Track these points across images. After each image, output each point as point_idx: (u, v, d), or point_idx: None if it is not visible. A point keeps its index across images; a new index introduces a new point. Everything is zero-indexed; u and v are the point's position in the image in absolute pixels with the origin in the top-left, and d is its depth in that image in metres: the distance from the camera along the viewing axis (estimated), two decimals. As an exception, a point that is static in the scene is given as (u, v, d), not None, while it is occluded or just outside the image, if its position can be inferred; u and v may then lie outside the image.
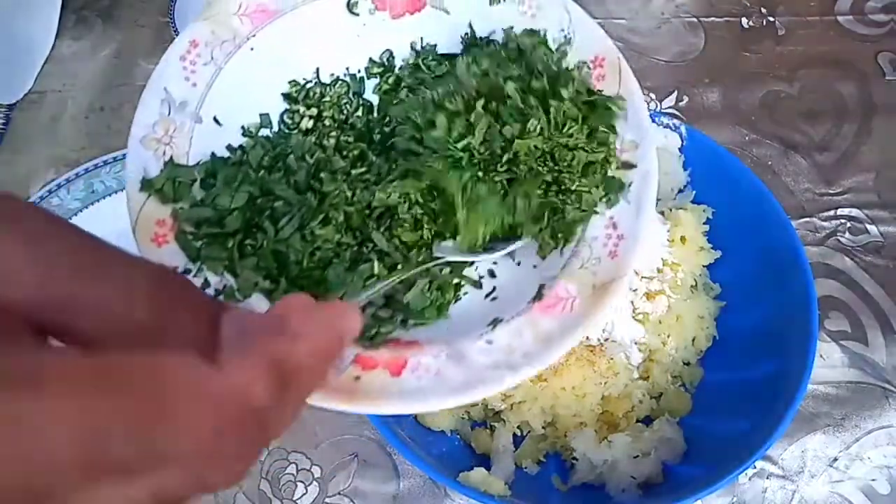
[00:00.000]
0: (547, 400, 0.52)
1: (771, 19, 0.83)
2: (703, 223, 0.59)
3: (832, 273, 0.66)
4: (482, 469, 0.50)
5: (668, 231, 0.56)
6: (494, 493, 0.47)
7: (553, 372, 0.52)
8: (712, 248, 0.59)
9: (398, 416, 0.51)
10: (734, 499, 0.56)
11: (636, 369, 0.55)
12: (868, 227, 0.69)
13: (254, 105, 0.43)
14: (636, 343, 0.54)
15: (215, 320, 0.21)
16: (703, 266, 0.59)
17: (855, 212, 0.70)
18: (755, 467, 0.57)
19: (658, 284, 0.55)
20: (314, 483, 0.57)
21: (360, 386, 0.32)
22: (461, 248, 0.40)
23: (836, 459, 0.58)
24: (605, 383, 0.53)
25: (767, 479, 0.57)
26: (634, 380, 0.55)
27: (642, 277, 0.55)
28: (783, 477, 0.57)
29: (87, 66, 0.78)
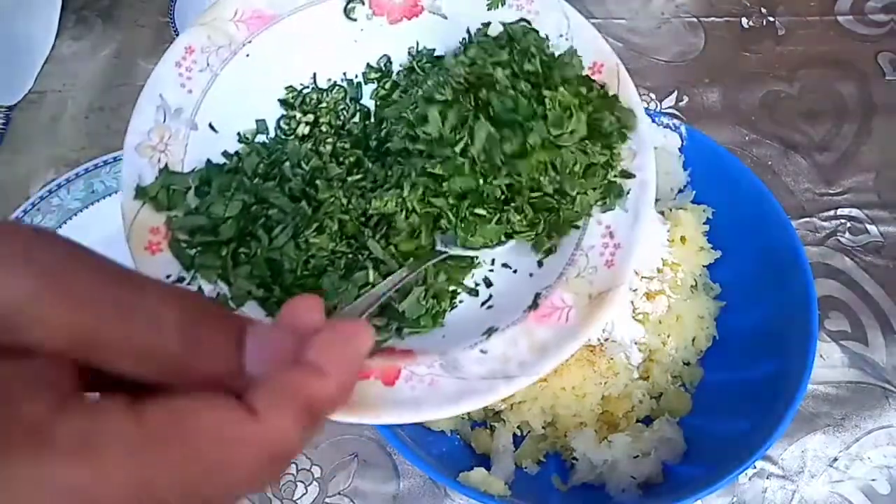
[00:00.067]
0: (547, 400, 0.52)
1: (771, 19, 0.83)
2: (703, 223, 0.59)
3: (832, 273, 0.66)
4: (482, 469, 0.50)
5: (668, 231, 0.56)
6: (494, 493, 0.47)
7: (553, 372, 0.52)
8: (712, 248, 0.59)
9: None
10: (734, 499, 0.56)
11: (636, 369, 0.55)
12: (868, 227, 0.69)
13: (250, 111, 0.42)
14: (636, 343, 0.54)
15: (240, 339, 0.22)
16: (703, 266, 0.59)
17: (855, 212, 0.70)
18: (755, 467, 0.57)
19: (658, 284, 0.55)
20: (314, 483, 0.57)
21: (354, 396, 0.32)
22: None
23: (836, 459, 0.58)
24: (605, 383, 0.53)
25: (767, 479, 0.57)
26: (634, 380, 0.55)
27: (642, 277, 0.55)
28: (783, 477, 0.57)
29: (87, 66, 0.78)
